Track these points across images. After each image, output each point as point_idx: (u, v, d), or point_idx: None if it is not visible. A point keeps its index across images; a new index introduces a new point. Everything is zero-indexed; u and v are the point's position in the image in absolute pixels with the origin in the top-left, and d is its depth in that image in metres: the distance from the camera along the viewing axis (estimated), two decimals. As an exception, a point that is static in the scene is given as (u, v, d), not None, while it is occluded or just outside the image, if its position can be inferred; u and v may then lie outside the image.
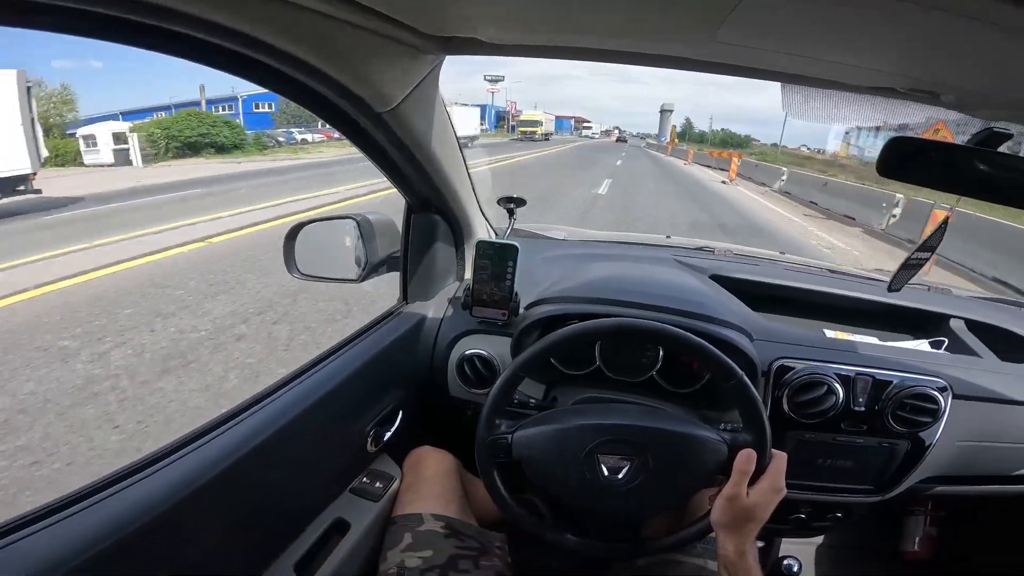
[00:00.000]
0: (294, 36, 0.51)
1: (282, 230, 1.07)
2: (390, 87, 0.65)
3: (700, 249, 1.43)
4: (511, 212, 1.16)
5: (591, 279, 1.09)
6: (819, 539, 1.45)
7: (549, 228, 1.50)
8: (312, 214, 1.07)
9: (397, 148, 0.77)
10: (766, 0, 0.39)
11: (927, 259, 0.87)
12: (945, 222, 0.82)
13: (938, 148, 0.69)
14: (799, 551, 1.37)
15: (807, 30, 0.45)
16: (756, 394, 0.74)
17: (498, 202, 1.17)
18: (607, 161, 23.45)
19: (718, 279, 1.20)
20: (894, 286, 0.88)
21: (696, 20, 0.45)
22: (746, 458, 0.69)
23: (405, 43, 0.60)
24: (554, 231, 1.48)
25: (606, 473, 0.74)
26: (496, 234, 1.24)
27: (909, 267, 0.87)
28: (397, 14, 0.53)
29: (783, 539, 1.30)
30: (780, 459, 0.72)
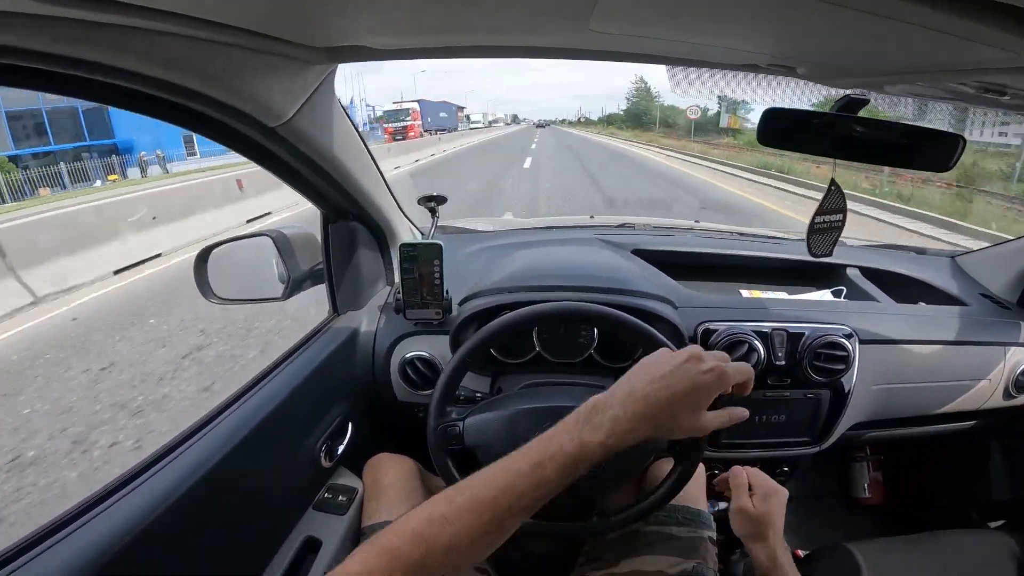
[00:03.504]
0: (166, 63, 0.49)
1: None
2: (280, 101, 0.63)
3: (622, 226, 1.48)
4: (433, 211, 1.15)
5: (518, 268, 1.11)
6: None
7: (475, 221, 1.50)
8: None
9: (299, 160, 0.75)
10: None
11: (838, 222, 0.87)
12: (833, 183, 0.87)
13: (806, 117, 0.75)
14: None
15: (670, 15, 0.47)
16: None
17: (418, 202, 1.16)
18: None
19: (639, 253, 1.25)
20: (816, 252, 0.87)
21: (567, 12, 0.46)
22: (736, 473, 0.75)
23: (290, 57, 0.58)
24: (480, 224, 1.49)
25: None
26: (422, 234, 1.24)
27: (817, 231, 0.87)
28: (275, 31, 0.52)
29: None
30: (753, 474, 0.77)
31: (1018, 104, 0.56)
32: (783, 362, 1.01)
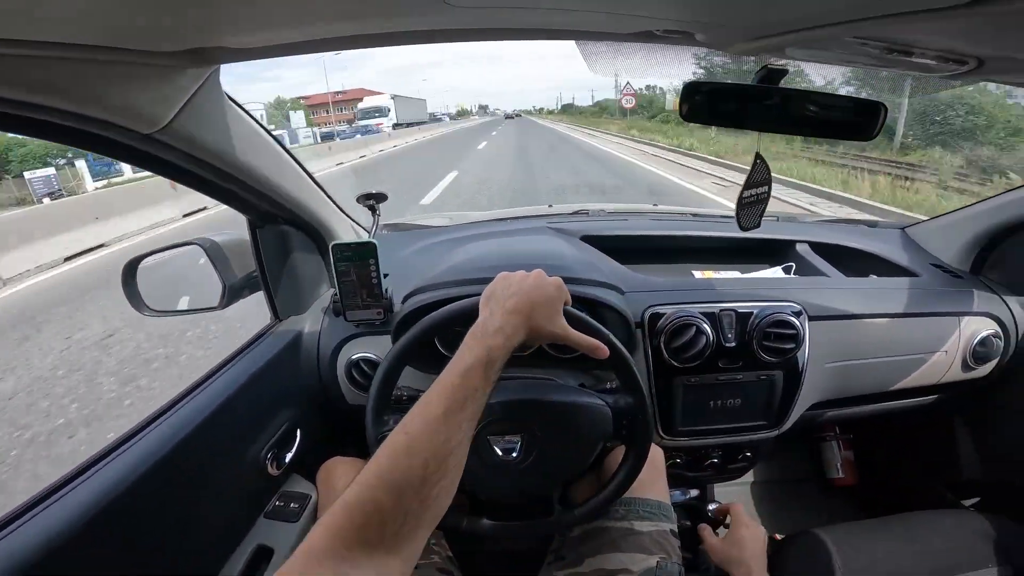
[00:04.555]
0: (7, 81, 0.46)
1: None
2: (152, 107, 0.59)
3: (576, 213, 1.44)
4: (373, 209, 1.12)
5: (460, 260, 1.08)
6: (750, 479, 1.53)
7: (427, 217, 1.47)
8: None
9: (195, 165, 0.71)
10: None
11: (764, 194, 0.86)
12: (758, 157, 0.84)
13: (727, 89, 0.72)
14: (733, 493, 1.44)
15: None
16: (624, 351, 0.73)
17: (357, 200, 1.13)
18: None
19: (589, 239, 1.22)
20: (745, 225, 0.87)
21: None
22: (703, 527, 0.95)
23: (150, 64, 0.55)
24: (432, 219, 1.46)
25: (500, 454, 0.74)
26: (368, 233, 1.21)
27: (746, 205, 0.85)
28: (117, 43, 0.48)
29: (715, 485, 1.35)
30: (737, 511, 0.93)
31: (928, 64, 0.52)
32: (733, 344, 0.98)
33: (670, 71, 0.74)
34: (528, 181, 9.93)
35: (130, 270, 0.97)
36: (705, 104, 0.73)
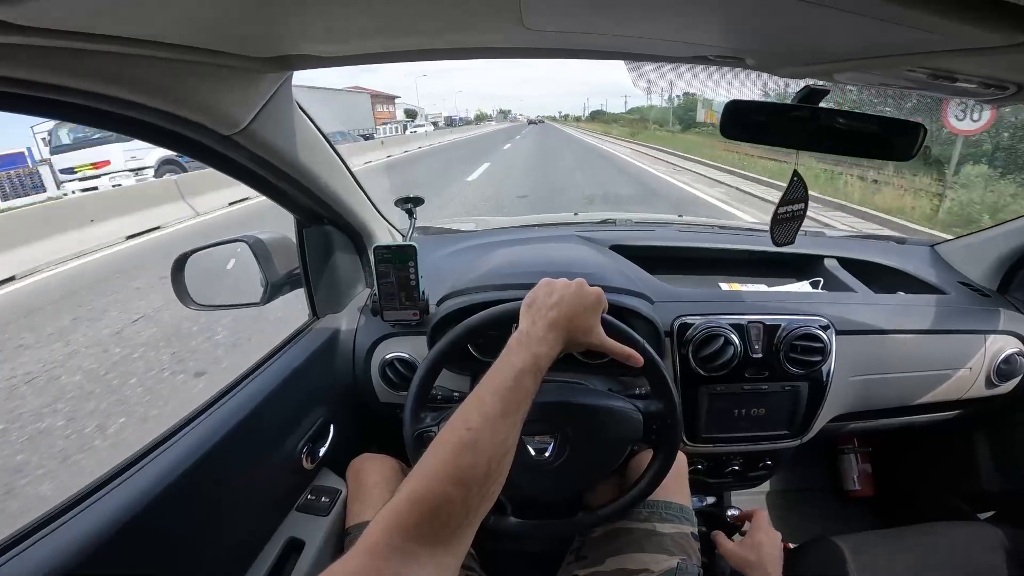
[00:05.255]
0: (111, 79, 0.50)
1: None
2: (234, 110, 0.64)
3: (603, 222, 1.48)
4: (410, 212, 1.16)
5: (495, 266, 1.11)
6: (766, 487, 1.54)
7: (457, 221, 1.51)
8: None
9: (262, 166, 0.75)
10: None
11: (800, 211, 0.87)
12: (796, 175, 0.87)
13: (768, 108, 0.75)
14: (750, 501, 1.45)
15: (601, 9, 0.47)
16: (658, 359, 0.76)
17: (395, 203, 1.17)
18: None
19: (618, 249, 1.25)
20: (779, 241, 0.87)
21: (498, 10, 0.46)
22: (716, 533, 0.92)
23: (237, 68, 0.59)
24: (462, 224, 1.49)
25: (533, 453, 0.76)
26: (403, 236, 1.24)
27: (781, 221, 0.86)
28: (216, 46, 0.53)
29: (732, 492, 1.37)
30: (758, 517, 0.92)
31: (970, 89, 0.55)
32: (760, 355, 1.00)
33: (717, 89, 0.78)
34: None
35: (179, 265, 1.00)
36: (746, 122, 0.76)
